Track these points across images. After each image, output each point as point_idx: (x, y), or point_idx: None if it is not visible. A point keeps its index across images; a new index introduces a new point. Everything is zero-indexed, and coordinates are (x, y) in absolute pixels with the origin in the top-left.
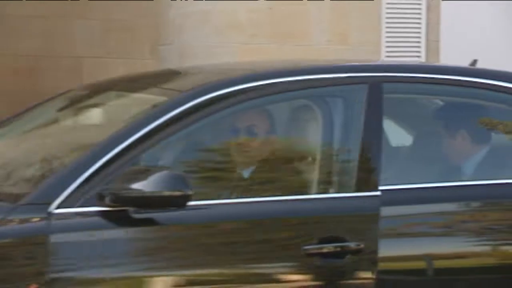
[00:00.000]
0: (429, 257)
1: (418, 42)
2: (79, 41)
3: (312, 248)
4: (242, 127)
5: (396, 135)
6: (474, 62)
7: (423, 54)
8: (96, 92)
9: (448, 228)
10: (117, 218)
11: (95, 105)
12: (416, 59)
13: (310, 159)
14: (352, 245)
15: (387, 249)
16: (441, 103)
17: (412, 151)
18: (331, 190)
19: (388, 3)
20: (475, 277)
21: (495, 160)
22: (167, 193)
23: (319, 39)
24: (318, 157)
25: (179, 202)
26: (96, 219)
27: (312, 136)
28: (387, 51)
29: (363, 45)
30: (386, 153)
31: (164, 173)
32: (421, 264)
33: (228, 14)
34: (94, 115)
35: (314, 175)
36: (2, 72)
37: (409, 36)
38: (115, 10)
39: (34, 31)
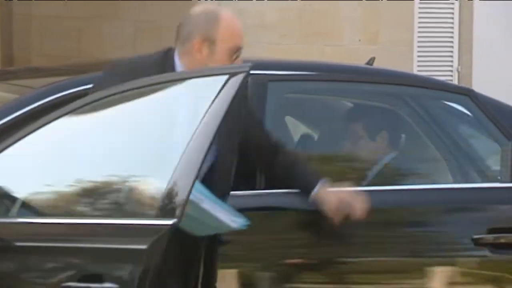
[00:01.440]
0: None
1: (451, 41)
2: (108, 42)
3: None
4: None
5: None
6: (371, 60)
7: (455, 53)
8: None
9: None
10: None
11: None
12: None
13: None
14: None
15: None
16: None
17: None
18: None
19: (421, 2)
20: None
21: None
22: None
23: (350, 39)
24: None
25: None
26: None
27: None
28: (419, 51)
29: (395, 45)
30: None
31: None
32: None
33: (258, 14)
34: None
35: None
36: None
37: (442, 35)
38: (144, 11)
39: (62, 32)
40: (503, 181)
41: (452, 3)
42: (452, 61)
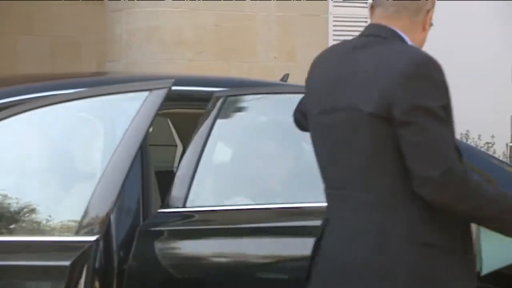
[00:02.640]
0: None
1: None
2: (23, 57)
3: None
4: None
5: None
6: (285, 76)
7: None
8: None
9: None
10: None
11: None
12: None
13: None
14: None
15: None
16: None
17: None
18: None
19: (335, 20)
20: None
21: None
22: None
23: (265, 56)
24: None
25: None
26: None
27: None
28: None
29: (310, 62)
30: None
31: None
32: None
33: (175, 31)
34: None
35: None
36: None
37: None
38: (60, 26)
39: None
40: None
41: (366, 23)
42: None
